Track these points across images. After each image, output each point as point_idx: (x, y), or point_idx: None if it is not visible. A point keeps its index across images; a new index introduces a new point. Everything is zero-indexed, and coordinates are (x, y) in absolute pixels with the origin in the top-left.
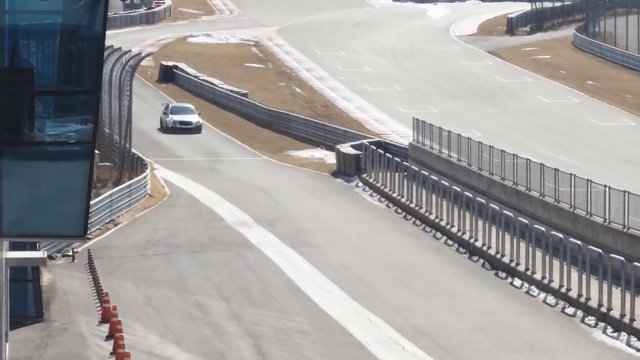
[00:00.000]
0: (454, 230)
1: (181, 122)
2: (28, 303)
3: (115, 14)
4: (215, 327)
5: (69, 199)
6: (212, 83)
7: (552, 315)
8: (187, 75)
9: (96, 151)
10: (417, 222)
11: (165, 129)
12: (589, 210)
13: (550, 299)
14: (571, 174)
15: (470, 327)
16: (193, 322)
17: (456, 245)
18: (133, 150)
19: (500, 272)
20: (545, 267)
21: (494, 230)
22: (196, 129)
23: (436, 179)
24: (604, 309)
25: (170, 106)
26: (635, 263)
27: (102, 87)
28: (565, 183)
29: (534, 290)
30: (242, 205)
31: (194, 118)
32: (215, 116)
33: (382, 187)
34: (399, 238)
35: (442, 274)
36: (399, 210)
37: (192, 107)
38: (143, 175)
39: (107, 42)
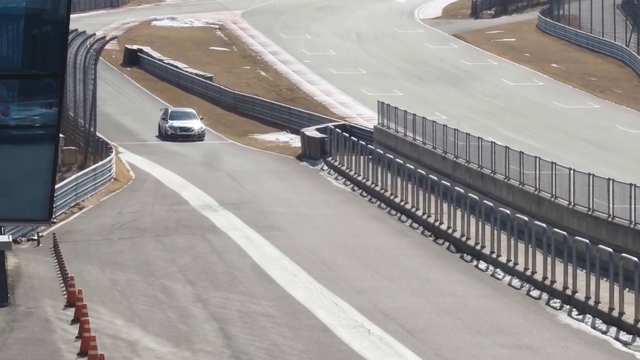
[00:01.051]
0: (419, 213)
1: (182, 129)
2: None
3: None
4: (181, 311)
5: (34, 182)
6: (176, 67)
7: (517, 298)
8: (151, 59)
9: (61, 135)
10: (382, 205)
11: (165, 136)
12: (553, 193)
13: (516, 282)
14: (536, 157)
15: (436, 309)
16: (158, 305)
17: (421, 228)
18: (98, 134)
19: (465, 255)
20: (511, 250)
21: (459, 213)
22: (199, 136)
23: (401, 162)
24: (569, 292)
25: (170, 111)
26: (600, 246)
27: (67, 71)
28: (530, 166)
29: (499, 273)
30: (207, 189)
31: (196, 124)
32: (180, 100)
33: (347, 171)
34: (364, 221)
35: (408, 257)
36: (364, 194)
37: (194, 111)
38: (108, 159)
39: (72, 26)
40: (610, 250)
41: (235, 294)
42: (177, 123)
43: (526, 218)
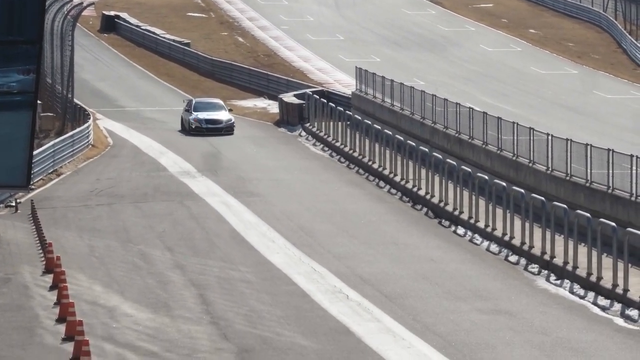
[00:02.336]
0: (397, 179)
1: (208, 121)
2: None
3: None
4: (159, 277)
5: (11, 149)
6: (154, 33)
7: (495, 263)
8: (129, 25)
9: (38, 101)
10: (361, 171)
11: (189, 129)
12: (531, 158)
13: (494, 247)
14: (514, 123)
15: (414, 275)
16: (137, 272)
17: (399, 194)
18: (75, 100)
19: (443, 221)
20: (489, 216)
21: (437, 178)
22: (227, 129)
23: (379, 128)
24: (547, 257)
25: (194, 102)
26: (578, 211)
27: (44, 37)
28: (508, 131)
29: (477, 238)
30: (185, 155)
31: (224, 115)
32: (158, 66)
33: (325, 136)
34: (342, 187)
35: (386, 222)
36: (342, 160)
37: (221, 101)
38: (86, 125)
39: None
40: (588, 215)
41: (213, 260)
42: (202, 115)
43: (504, 183)
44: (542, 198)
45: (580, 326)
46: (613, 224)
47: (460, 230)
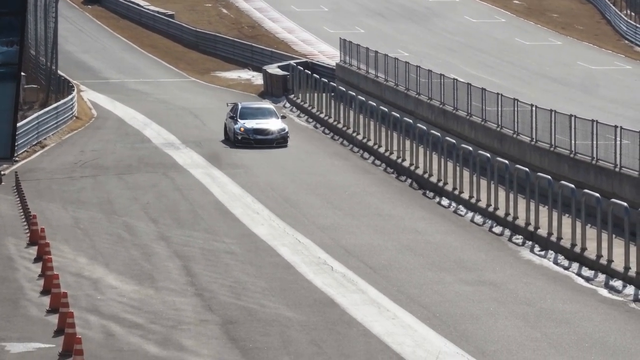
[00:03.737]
0: (382, 150)
1: (257, 131)
2: None
3: None
4: (144, 249)
5: None
6: (138, 4)
7: (479, 235)
8: None
9: (22, 73)
10: (345, 142)
11: (234, 140)
12: (516, 129)
13: (478, 218)
14: (498, 94)
15: (399, 246)
16: (121, 243)
17: (384, 165)
18: (59, 72)
19: (428, 192)
20: (473, 187)
21: (421, 150)
22: (280, 141)
23: (363, 99)
24: (531, 228)
25: (240, 107)
26: (562, 182)
27: (28, 9)
28: (492, 103)
29: (462, 209)
30: (169, 127)
31: (276, 124)
32: (142, 38)
33: (310, 108)
34: (326, 158)
35: (370, 194)
36: (327, 131)
37: (272, 106)
38: (70, 97)
39: None
40: (572, 186)
41: (198, 231)
42: (250, 124)
43: (488, 154)
44: (526, 169)
45: (564, 297)
46: (597, 194)
47: (445, 202)
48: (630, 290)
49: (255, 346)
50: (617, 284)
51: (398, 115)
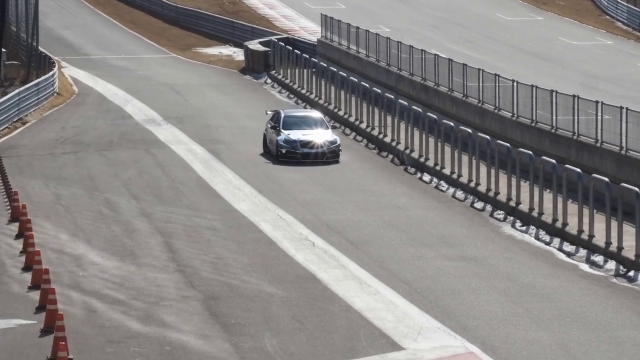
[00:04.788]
0: (363, 126)
1: (304, 144)
2: None
3: None
4: (125, 225)
5: None
6: None
7: (461, 210)
8: None
9: (3, 49)
10: (326, 118)
11: (276, 154)
12: (497, 105)
13: (460, 194)
14: (479, 69)
15: (380, 222)
16: (103, 220)
17: (365, 141)
18: (40, 48)
19: (409, 168)
20: (454, 162)
21: (402, 125)
22: (331, 155)
23: (345, 75)
24: (512, 203)
25: (283, 115)
26: (544, 157)
27: None
28: (474, 78)
29: (443, 185)
30: (151, 103)
31: (325, 135)
32: (123, 14)
33: (291, 84)
34: None
35: (352, 169)
36: (308, 107)
37: (320, 114)
38: (51, 73)
39: None
40: (554, 161)
41: (179, 207)
42: (296, 135)
43: (470, 130)
44: (508, 144)
45: (546, 272)
46: (578, 170)
47: (426, 177)
48: (611, 265)
49: (237, 322)
50: (599, 259)
51: (379, 91)
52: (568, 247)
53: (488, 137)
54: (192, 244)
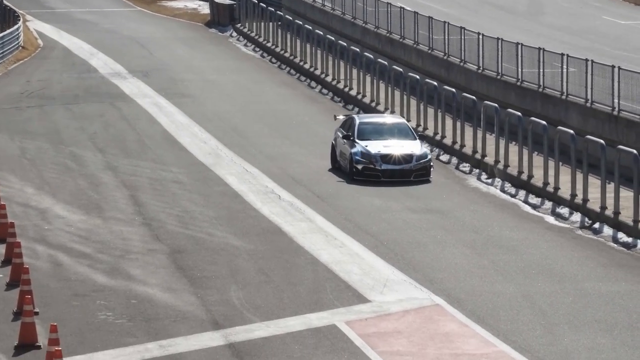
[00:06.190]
0: (329, 79)
1: (386, 158)
2: None
3: None
4: (91, 179)
5: None
6: None
7: None
8: None
9: None
10: (292, 71)
11: (350, 172)
12: (462, 57)
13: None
14: (445, 22)
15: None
16: (68, 173)
17: (331, 94)
18: (5, 2)
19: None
20: (420, 115)
21: (368, 78)
22: (421, 173)
23: (310, 28)
24: (478, 156)
25: (357, 122)
26: (509, 110)
27: None
28: (439, 31)
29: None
30: (116, 56)
31: (412, 147)
32: None
33: (257, 37)
34: (274, 87)
35: (318, 123)
36: (274, 60)
37: (404, 121)
38: (15, 27)
39: None
40: (519, 114)
41: (145, 161)
42: (375, 147)
43: (435, 83)
44: (473, 97)
45: (512, 224)
46: (543, 122)
47: None
48: (576, 217)
49: (203, 275)
50: (564, 211)
51: (345, 44)
52: (533, 199)
53: (454, 89)
54: (158, 197)
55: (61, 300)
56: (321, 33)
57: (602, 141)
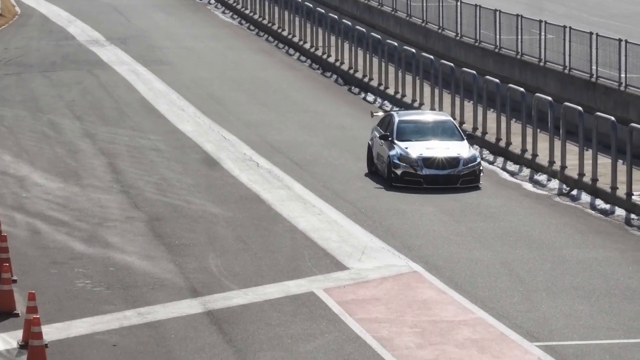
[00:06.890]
0: (307, 46)
1: (429, 162)
2: None
3: None
4: (69, 146)
5: None
6: None
7: None
8: None
9: None
10: (270, 38)
11: (388, 176)
12: (441, 24)
13: None
14: None
15: (324, 142)
16: (46, 141)
17: (309, 61)
18: None
19: (353, 88)
20: (398, 82)
21: (346, 46)
22: (469, 178)
23: None
24: (456, 123)
25: (397, 120)
26: (487, 77)
27: None
28: None
29: (387, 105)
30: (94, 24)
31: (460, 149)
32: None
33: (235, 4)
34: (252, 55)
35: (296, 90)
36: (252, 27)
37: (449, 118)
38: None
39: None
40: (497, 81)
41: (123, 128)
42: (416, 149)
43: (414, 50)
44: (451, 64)
45: (490, 191)
46: (522, 89)
47: (370, 97)
48: (554, 184)
49: (182, 242)
50: (542, 178)
51: (323, 11)
52: (511, 166)
53: (432, 57)
54: (136, 165)
55: (39, 268)
56: (299, 0)
57: (580, 108)
